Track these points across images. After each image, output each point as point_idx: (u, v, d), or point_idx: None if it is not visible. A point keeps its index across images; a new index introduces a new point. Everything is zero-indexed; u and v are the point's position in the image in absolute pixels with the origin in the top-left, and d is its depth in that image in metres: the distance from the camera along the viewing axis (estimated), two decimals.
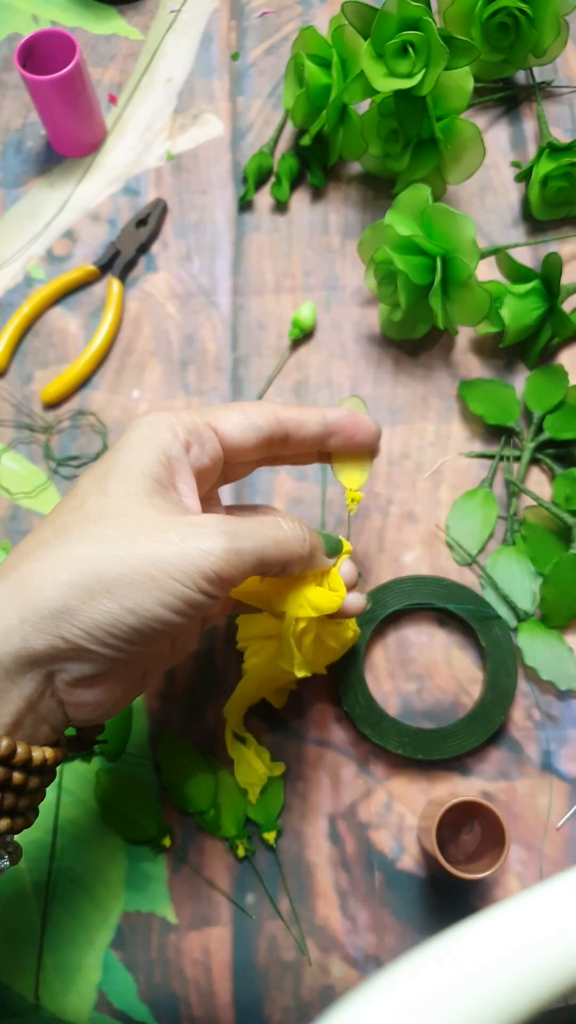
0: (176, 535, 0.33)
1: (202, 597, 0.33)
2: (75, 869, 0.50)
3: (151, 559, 0.32)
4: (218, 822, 0.50)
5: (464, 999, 0.28)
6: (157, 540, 0.33)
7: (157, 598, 0.32)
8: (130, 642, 0.33)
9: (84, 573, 0.32)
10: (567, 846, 0.50)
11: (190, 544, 0.33)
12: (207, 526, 0.33)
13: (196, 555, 0.32)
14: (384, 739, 0.50)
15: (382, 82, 0.53)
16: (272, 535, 0.36)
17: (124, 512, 0.34)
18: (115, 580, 0.32)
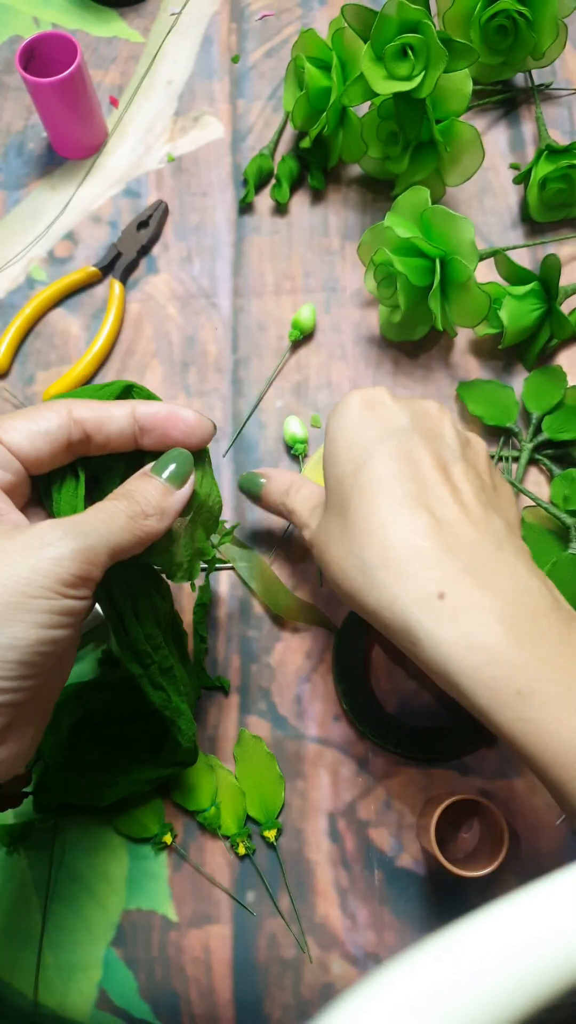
0: (18, 555, 0.31)
1: (71, 602, 0.32)
2: (76, 867, 0.50)
3: (5, 587, 0.30)
4: (219, 820, 0.50)
5: (463, 997, 0.28)
6: (4, 567, 0.31)
7: (30, 622, 0.31)
8: (23, 677, 0.31)
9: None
10: (565, 844, 0.50)
11: (39, 557, 0.31)
12: (46, 533, 0.32)
13: (47, 564, 0.31)
14: (384, 738, 0.51)
15: (382, 84, 0.54)
16: (117, 523, 0.34)
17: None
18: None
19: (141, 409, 0.38)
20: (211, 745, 0.52)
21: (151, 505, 0.36)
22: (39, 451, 0.36)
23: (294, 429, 0.57)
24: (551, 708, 0.33)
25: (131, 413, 0.37)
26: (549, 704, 0.33)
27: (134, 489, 0.36)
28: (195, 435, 0.39)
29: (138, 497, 0.36)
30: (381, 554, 0.36)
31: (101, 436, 0.37)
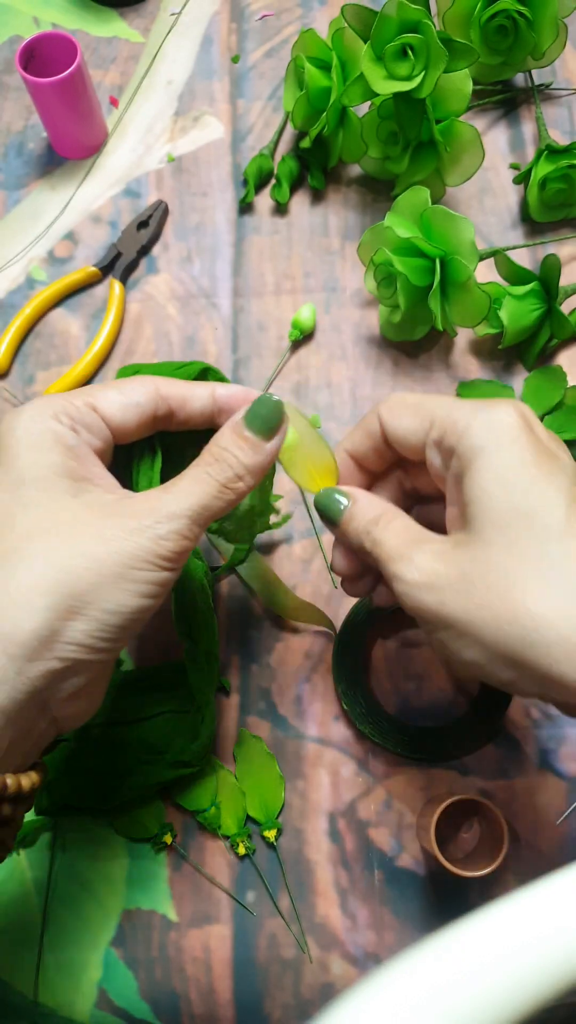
0: (125, 530, 0.33)
1: (169, 574, 0.34)
2: (76, 867, 0.50)
3: (114, 560, 0.33)
4: (219, 820, 0.50)
5: (463, 997, 0.28)
6: (111, 539, 0.33)
7: (133, 591, 0.33)
8: (118, 640, 0.34)
9: (58, 593, 0.32)
10: (565, 844, 0.50)
11: (144, 537, 0.33)
12: (150, 515, 0.34)
13: (152, 545, 0.33)
14: (383, 738, 0.51)
15: (382, 84, 0.54)
16: (209, 491, 0.35)
17: (61, 522, 0.34)
18: (90, 590, 0.32)
19: (220, 391, 0.39)
20: (211, 745, 0.52)
21: (241, 465, 0.36)
22: (127, 422, 0.38)
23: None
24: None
25: (212, 394, 0.39)
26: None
27: (225, 446, 0.36)
28: None
29: (227, 457, 0.36)
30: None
31: (184, 413, 0.39)
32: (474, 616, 0.32)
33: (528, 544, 0.32)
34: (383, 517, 0.37)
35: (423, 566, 0.34)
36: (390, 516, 0.38)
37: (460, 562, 0.33)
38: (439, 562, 0.33)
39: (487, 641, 0.32)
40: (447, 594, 0.33)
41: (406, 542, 0.35)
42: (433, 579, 0.33)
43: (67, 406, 0.36)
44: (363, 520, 0.38)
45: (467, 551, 0.33)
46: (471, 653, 0.32)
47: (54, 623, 0.32)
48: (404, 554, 0.35)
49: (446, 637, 0.33)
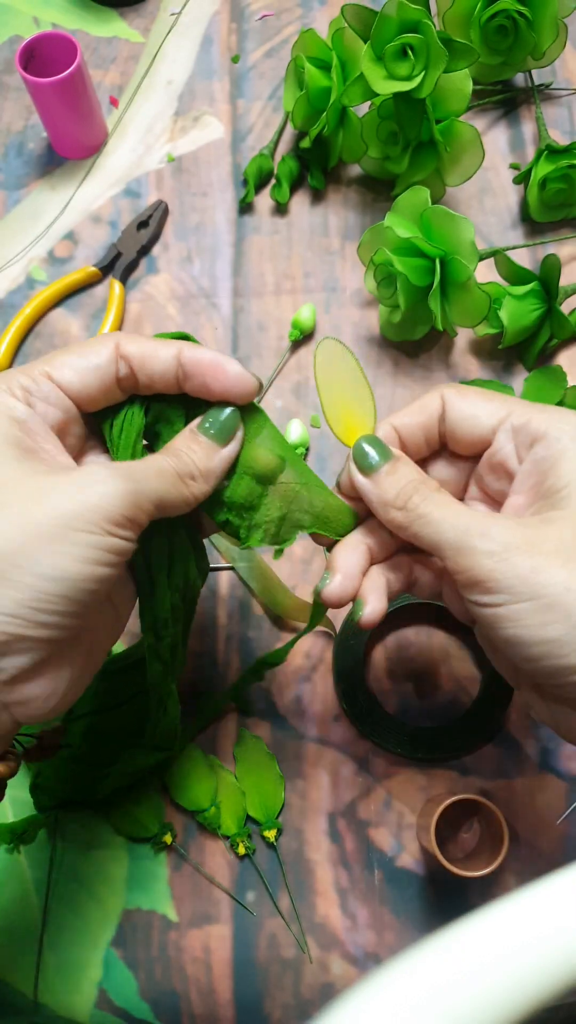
0: (68, 488, 0.31)
1: (118, 540, 0.32)
2: (76, 867, 0.50)
3: (51, 519, 0.30)
4: (219, 820, 0.50)
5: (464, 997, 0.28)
6: (49, 499, 0.31)
7: (73, 554, 0.30)
8: (64, 613, 0.31)
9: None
10: (566, 844, 0.50)
11: (87, 493, 0.31)
12: (96, 471, 0.32)
13: (97, 500, 0.31)
14: (383, 738, 0.51)
15: (382, 84, 0.54)
16: (166, 478, 0.34)
17: (10, 482, 0.31)
18: (20, 551, 0.30)
19: (187, 353, 0.36)
20: (211, 745, 0.52)
21: (195, 466, 0.36)
22: (89, 387, 0.35)
23: (294, 437, 0.57)
24: None
25: (176, 355, 0.36)
26: None
27: (181, 447, 0.36)
28: (236, 389, 0.36)
29: (184, 457, 0.35)
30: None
31: (144, 374, 0.36)
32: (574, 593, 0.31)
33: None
34: (428, 486, 0.36)
35: (513, 533, 0.32)
36: (437, 487, 0.36)
37: (560, 535, 0.32)
38: (534, 531, 0.32)
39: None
40: (546, 560, 0.31)
41: (473, 516, 0.34)
42: (527, 545, 0.32)
43: (21, 378, 0.34)
44: (412, 476, 0.36)
45: (566, 527, 0.32)
46: (554, 630, 0.31)
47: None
48: (480, 524, 0.33)
49: (528, 610, 0.31)
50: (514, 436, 0.36)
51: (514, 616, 0.32)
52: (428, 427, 0.38)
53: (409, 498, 0.35)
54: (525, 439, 0.35)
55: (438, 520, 0.34)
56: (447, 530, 0.33)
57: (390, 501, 0.36)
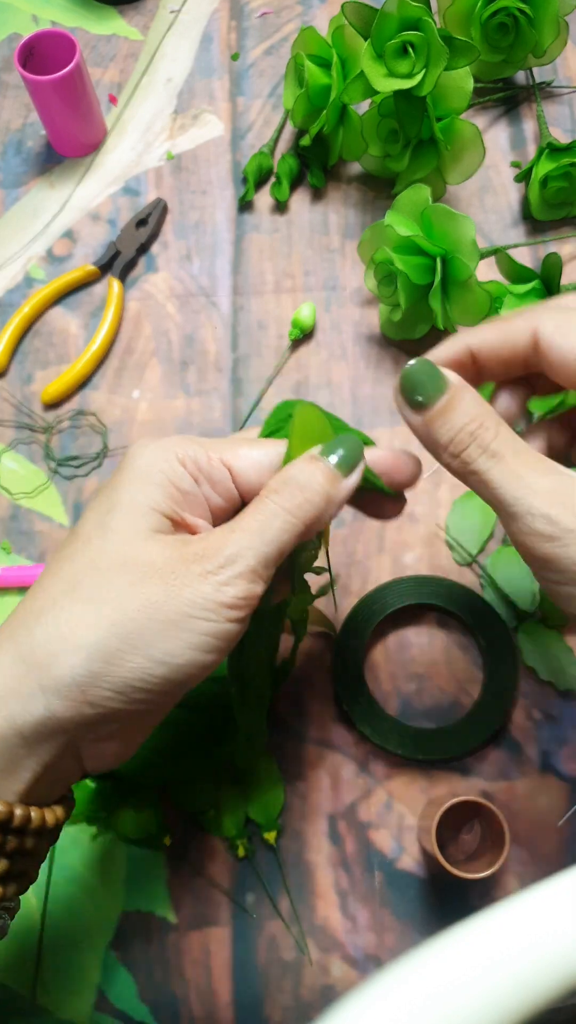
0: (189, 575, 0.31)
1: (233, 625, 0.31)
2: (75, 868, 0.50)
3: (172, 607, 0.30)
4: (218, 822, 0.50)
5: (464, 999, 0.28)
6: (173, 585, 0.30)
7: (187, 641, 0.30)
8: (163, 692, 0.31)
9: (105, 633, 0.30)
10: (566, 846, 0.50)
11: (207, 583, 0.31)
12: (216, 556, 0.31)
13: (214, 592, 0.31)
14: (384, 739, 0.50)
15: (382, 82, 0.53)
16: (276, 524, 0.32)
17: (131, 558, 0.31)
18: (138, 634, 0.30)
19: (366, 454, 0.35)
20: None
21: (317, 493, 0.32)
22: (261, 480, 0.34)
23: None
24: None
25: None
26: None
27: (296, 475, 0.33)
28: (414, 475, 0.36)
29: (302, 484, 0.32)
30: None
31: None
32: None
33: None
34: (488, 432, 0.32)
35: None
36: (501, 426, 0.32)
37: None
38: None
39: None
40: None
41: (533, 487, 0.31)
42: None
43: (199, 455, 0.34)
44: (469, 418, 0.32)
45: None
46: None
47: (94, 665, 0.30)
48: (541, 502, 0.30)
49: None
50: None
51: (574, 597, 0.31)
52: (510, 358, 0.34)
53: (465, 448, 0.32)
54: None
55: (495, 483, 0.31)
56: (504, 497, 0.31)
57: (443, 447, 0.32)
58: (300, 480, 0.32)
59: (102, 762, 0.34)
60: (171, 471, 0.33)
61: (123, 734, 0.33)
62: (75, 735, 0.32)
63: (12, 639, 0.31)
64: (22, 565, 0.56)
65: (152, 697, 0.31)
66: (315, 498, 0.32)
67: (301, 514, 0.32)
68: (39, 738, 0.31)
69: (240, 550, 0.31)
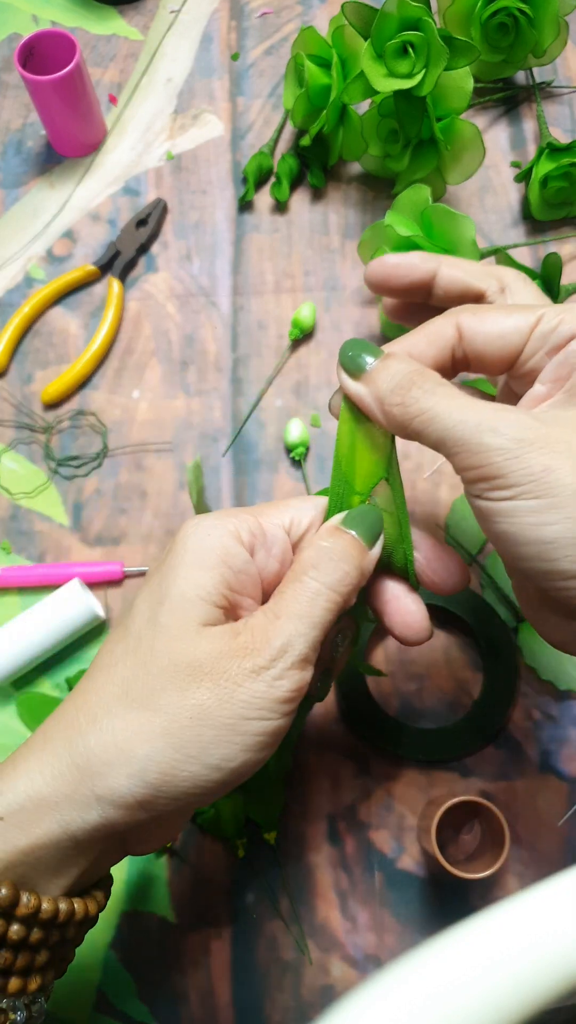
0: (240, 675, 0.30)
1: (286, 720, 0.31)
2: None
3: (227, 712, 0.30)
4: (218, 822, 0.50)
5: (464, 999, 0.28)
6: (223, 686, 0.30)
7: (242, 744, 0.30)
8: (215, 793, 0.31)
9: (160, 744, 0.30)
10: (566, 846, 0.50)
11: (260, 681, 0.30)
12: (265, 649, 0.30)
13: (268, 689, 0.30)
14: (384, 739, 0.50)
15: (382, 82, 0.53)
16: (320, 604, 0.32)
17: (181, 659, 0.31)
18: (193, 743, 0.30)
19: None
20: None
21: (354, 565, 0.32)
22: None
23: (294, 436, 0.56)
24: None
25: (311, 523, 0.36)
26: None
27: (330, 548, 0.32)
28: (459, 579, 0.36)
29: (333, 556, 0.32)
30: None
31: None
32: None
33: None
34: (428, 377, 0.32)
35: (527, 428, 0.30)
36: (439, 379, 0.33)
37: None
38: (545, 427, 0.30)
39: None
40: (557, 459, 0.29)
41: (482, 408, 0.31)
42: (541, 441, 0.30)
43: (250, 521, 0.33)
44: (408, 366, 0.33)
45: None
46: (551, 531, 0.30)
47: (150, 777, 0.30)
48: (491, 418, 0.30)
49: (532, 508, 0.30)
50: (544, 341, 0.33)
51: (518, 512, 0.30)
52: (441, 358, 0.35)
53: (407, 391, 0.32)
54: (558, 339, 0.33)
55: (443, 414, 0.31)
56: (454, 425, 0.31)
57: (385, 396, 0.32)
58: (335, 553, 0.32)
59: (149, 848, 0.34)
60: (224, 550, 0.32)
61: (172, 824, 0.34)
62: (127, 834, 0.32)
63: (67, 744, 0.31)
64: (22, 565, 0.56)
65: (204, 799, 0.31)
66: (352, 571, 0.32)
67: (342, 588, 0.32)
68: (91, 842, 0.31)
69: (290, 639, 0.31)
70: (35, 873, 0.30)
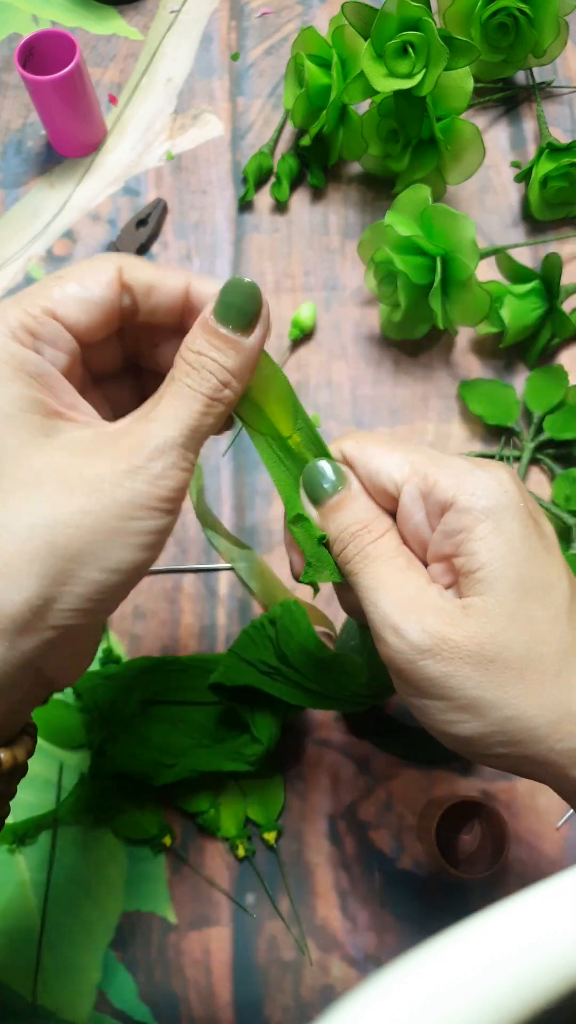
0: (118, 476, 0.29)
1: (171, 517, 0.30)
2: (75, 869, 0.50)
3: (110, 512, 0.29)
4: (218, 822, 0.50)
5: (464, 999, 0.28)
6: (103, 490, 0.29)
7: (134, 543, 0.29)
8: (117, 599, 0.30)
9: (50, 556, 0.28)
10: (567, 846, 0.50)
11: (139, 480, 0.29)
12: (142, 449, 0.29)
13: (149, 487, 0.29)
14: (384, 739, 0.50)
15: (382, 82, 0.53)
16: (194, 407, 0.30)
17: (37, 472, 0.29)
18: (85, 549, 0.28)
19: (195, 283, 0.32)
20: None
21: (222, 370, 0.31)
22: (93, 323, 0.31)
23: None
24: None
25: (184, 287, 0.32)
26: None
27: (200, 352, 0.31)
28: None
29: (207, 364, 0.30)
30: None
31: (148, 305, 0.32)
32: (489, 695, 0.30)
33: (547, 626, 0.31)
34: (369, 533, 0.33)
35: (432, 629, 0.30)
36: (386, 534, 0.33)
37: (475, 635, 0.30)
38: (450, 628, 0.30)
39: (493, 721, 0.30)
40: (457, 667, 0.30)
41: (410, 594, 0.31)
42: (443, 648, 0.30)
43: (24, 318, 0.30)
44: (355, 519, 0.33)
45: (483, 623, 0.30)
46: (468, 728, 0.31)
47: (47, 590, 0.28)
48: (408, 610, 0.31)
49: (439, 708, 0.31)
50: (422, 500, 0.32)
51: (428, 711, 0.31)
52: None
53: (345, 547, 0.33)
54: (434, 506, 0.32)
55: (363, 587, 0.32)
56: (368, 606, 0.32)
57: (332, 543, 0.33)
58: (202, 359, 0.30)
59: (67, 679, 0.32)
60: (17, 356, 0.30)
61: (84, 644, 0.32)
62: (41, 663, 0.30)
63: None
64: None
65: (110, 604, 0.30)
66: (221, 373, 0.31)
67: (213, 392, 0.30)
68: (7, 679, 0.29)
69: (166, 440, 0.29)
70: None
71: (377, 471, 0.33)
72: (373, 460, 0.33)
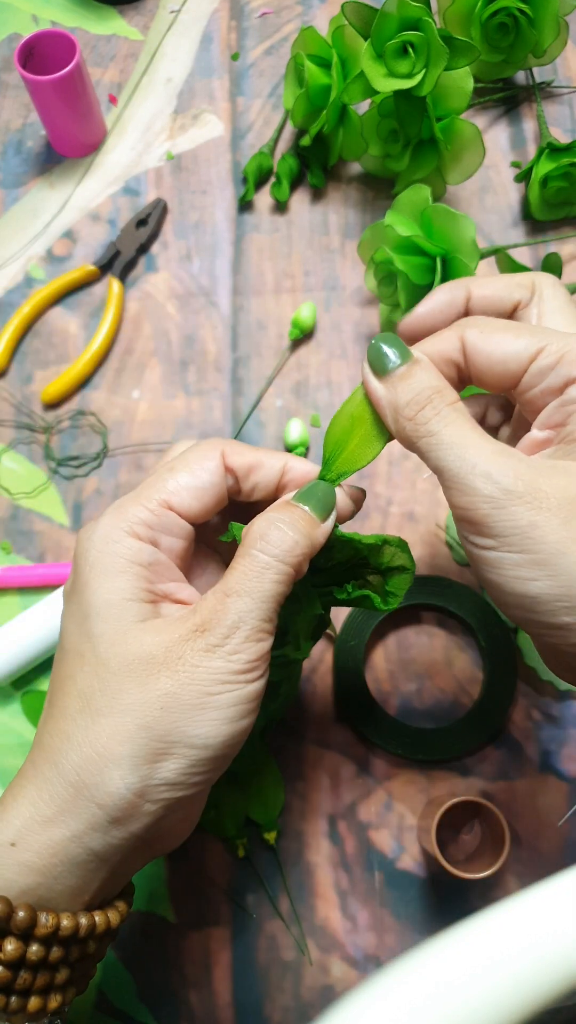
0: (196, 655, 0.31)
1: (255, 684, 0.31)
2: None
3: (190, 692, 0.30)
4: (218, 822, 0.50)
5: (464, 999, 0.28)
6: (181, 670, 0.30)
7: (218, 718, 0.30)
8: (215, 768, 0.32)
9: (139, 739, 0.30)
10: (567, 846, 0.50)
11: (216, 658, 0.31)
12: (217, 628, 0.31)
13: (225, 663, 0.31)
14: (384, 739, 0.50)
15: (382, 82, 0.53)
16: (267, 575, 0.32)
17: (129, 658, 0.31)
18: (172, 728, 0.30)
19: (293, 464, 0.36)
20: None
21: (299, 532, 0.32)
22: (206, 508, 0.34)
23: (294, 436, 0.56)
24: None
25: (282, 469, 0.36)
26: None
27: (276, 519, 0.33)
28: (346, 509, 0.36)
29: (282, 527, 0.32)
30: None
31: (250, 482, 0.35)
32: (571, 552, 0.29)
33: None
34: (444, 398, 0.32)
35: (525, 476, 0.30)
36: (454, 401, 0.33)
37: (567, 487, 0.30)
38: (543, 479, 0.30)
39: (567, 581, 0.29)
40: (546, 517, 0.29)
41: (480, 449, 0.31)
42: (535, 495, 0.30)
43: (142, 514, 0.33)
44: (430, 383, 0.33)
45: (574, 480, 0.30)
46: (539, 586, 0.30)
47: (141, 771, 0.30)
48: (485, 462, 0.30)
49: (515, 561, 0.30)
50: (543, 377, 0.32)
51: (502, 564, 0.30)
52: (447, 373, 0.35)
53: (421, 408, 0.32)
54: (556, 379, 0.32)
55: (445, 444, 0.31)
56: (451, 459, 0.31)
57: (401, 408, 0.33)
58: (284, 524, 0.32)
59: (174, 842, 0.34)
60: (131, 550, 0.33)
61: (189, 811, 0.34)
62: (147, 835, 0.31)
63: (54, 767, 0.31)
64: (22, 565, 0.56)
65: (208, 776, 0.31)
66: (302, 540, 0.32)
67: (291, 559, 0.32)
68: (110, 851, 0.31)
69: (240, 615, 0.31)
70: (54, 893, 0.30)
71: (503, 358, 0.33)
72: (499, 345, 0.33)
